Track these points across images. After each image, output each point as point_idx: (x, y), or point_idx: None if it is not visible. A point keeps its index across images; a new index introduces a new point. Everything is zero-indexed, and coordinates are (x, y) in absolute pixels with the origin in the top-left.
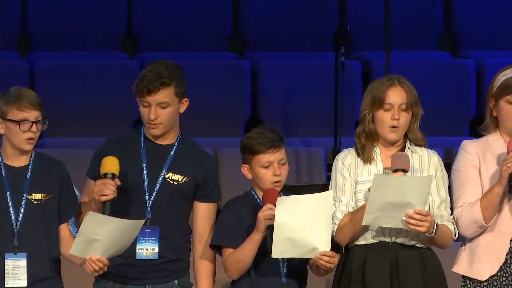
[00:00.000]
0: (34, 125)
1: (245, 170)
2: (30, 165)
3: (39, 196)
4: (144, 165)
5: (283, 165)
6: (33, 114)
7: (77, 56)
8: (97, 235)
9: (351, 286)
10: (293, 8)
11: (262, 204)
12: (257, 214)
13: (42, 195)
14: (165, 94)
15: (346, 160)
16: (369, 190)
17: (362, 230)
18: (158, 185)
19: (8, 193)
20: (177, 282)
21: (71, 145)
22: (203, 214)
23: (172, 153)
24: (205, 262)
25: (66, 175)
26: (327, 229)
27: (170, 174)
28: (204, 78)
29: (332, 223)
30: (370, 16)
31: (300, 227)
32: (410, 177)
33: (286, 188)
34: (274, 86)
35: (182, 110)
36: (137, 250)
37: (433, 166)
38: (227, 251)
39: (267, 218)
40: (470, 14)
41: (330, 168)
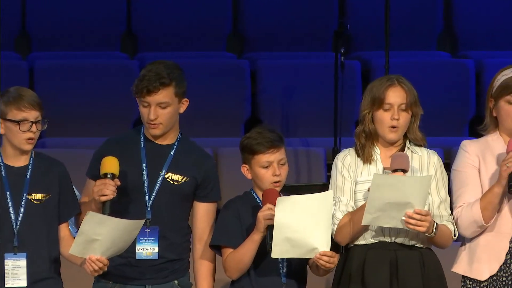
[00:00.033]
0: (33, 125)
1: (244, 170)
2: (30, 165)
3: (39, 196)
4: (144, 165)
5: (283, 165)
6: (32, 114)
7: (76, 56)
8: (97, 235)
9: (351, 286)
10: (293, 8)
11: (261, 204)
12: (256, 214)
13: (42, 195)
14: (165, 94)
15: (345, 160)
16: (368, 190)
17: (361, 230)
18: (158, 185)
19: (8, 193)
20: (177, 282)
21: (71, 145)
22: (203, 214)
23: (172, 153)
24: (205, 262)
25: (66, 175)
26: (327, 229)
27: (170, 174)
28: (203, 78)
29: (331, 223)
30: (370, 16)
31: (300, 227)
32: (409, 177)
33: (286, 188)
34: (273, 86)
35: (182, 110)
36: (137, 250)
37: (432, 166)
38: (227, 251)
39: (267, 218)
40: (470, 14)
41: (330, 168)
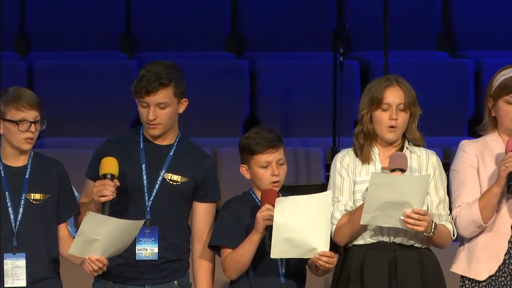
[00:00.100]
0: (32, 125)
1: (243, 170)
2: (29, 165)
3: (38, 196)
4: (143, 165)
5: (282, 165)
6: (31, 114)
7: (75, 56)
8: (96, 235)
9: (350, 286)
10: (291, 8)
11: (260, 204)
12: (255, 215)
13: (41, 195)
14: (164, 95)
15: (344, 160)
16: (367, 190)
17: (360, 230)
18: (158, 185)
19: (7, 193)
20: (176, 282)
21: (70, 145)
22: (202, 214)
23: (171, 153)
24: (204, 262)
25: (65, 175)
26: (326, 229)
27: (169, 175)
28: (202, 78)
29: (330, 223)
30: (369, 16)
31: (299, 228)
32: (407, 176)
33: (285, 188)
34: (272, 86)
35: (181, 110)
36: (136, 251)
37: (431, 166)
38: (226, 251)
39: (266, 219)
40: (469, 14)
41: (329, 168)
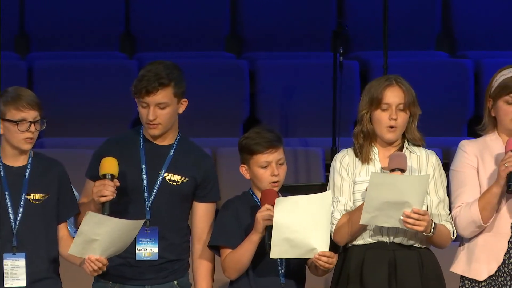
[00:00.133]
0: (32, 125)
1: (243, 170)
2: (29, 165)
3: (38, 196)
4: (143, 165)
5: (281, 165)
6: (31, 114)
7: (75, 56)
8: (96, 235)
9: (349, 286)
10: (291, 8)
11: (260, 204)
12: (255, 214)
13: (41, 195)
14: (164, 95)
15: (344, 160)
16: (367, 190)
17: (360, 230)
18: (157, 185)
19: (6, 193)
20: (176, 282)
21: (70, 145)
22: (202, 214)
23: (171, 153)
24: (204, 262)
25: (65, 175)
26: (326, 229)
27: (169, 175)
28: (202, 78)
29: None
30: (369, 16)
31: (298, 228)
32: (407, 176)
33: (285, 188)
34: (272, 86)
35: (181, 110)
36: (136, 251)
37: (431, 166)
38: (225, 252)
39: (266, 219)
40: (468, 14)
41: (329, 168)
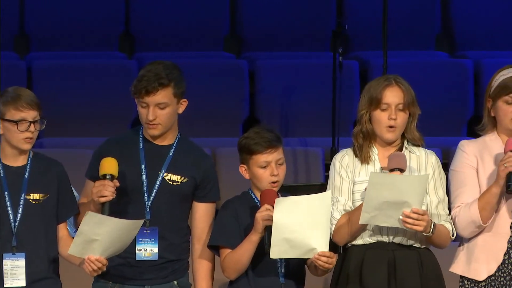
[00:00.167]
0: (32, 125)
1: (242, 170)
2: (28, 165)
3: (37, 196)
4: (143, 165)
5: (281, 165)
6: (31, 114)
7: (74, 56)
8: (96, 235)
9: (349, 286)
10: (290, 8)
11: (259, 204)
12: (255, 214)
13: (40, 195)
14: (163, 95)
15: (343, 160)
16: (366, 189)
17: (359, 230)
18: (157, 185)
19: (6, 193)
20: (176, 282)
21: (69, 145)
22: (202, 214)
23: (170, 153)
24: (204, 262)
25: (64, 175)
26: (325, 229)
27: (169, 175)
28: (202, 78)
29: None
30: (368, 16)
31: (298, 228)
32: (406, 176)
33: (284, 188)
34: (272, 86)
35: (180, 110)
36: (136, 251)
37: (430, 166)
38: (225, 252)
39: (265, 219)
40: (468, 14)
41: (328, 168)
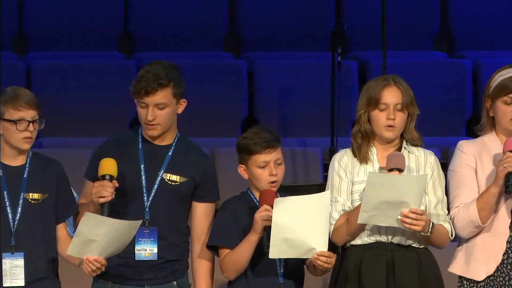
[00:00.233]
0: (31, 124)
1: (241, 170)
2: (27, 164)
3: (36, 195)
4: (142, 166)
5: (280, 165)
6: (29, 113)
7: (73, 56)
8: (94, 236)
9: (347, 286)
10: (289, 8)
11: (258, 204)
12: (253, 215)
13: (39, 195)
14: (163, 95)
15: (342, 160)
16: (365, 189)
17: (358, 230)
18: (156, 185)
19: (5, 192)
20: (175, 283)
21: (68, 145)
22: (201, 214)
23: (170, 153)
24: (203, 262)
25: (63, 175)
26: (324, 229)
27: (168, 175)
28: (201, 78)
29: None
30: (367, 16)
31: (297, 228)
32: (404, 176)
33: (283, 188)
34: (270, 86)
35: (180, 111)
36: (136, 251)
37: (429, 166)
38: (224, 252)
39: (264, 219)
40: (467, 15)
41: (327, 168)
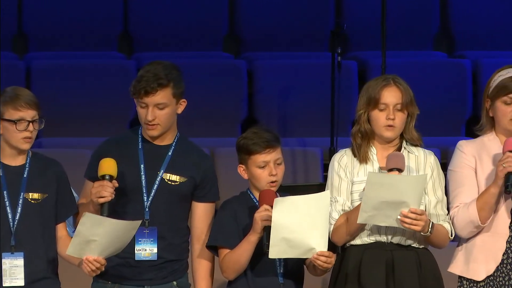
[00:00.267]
0: (30, 124)
1: (241, 170)
2: (27, 164)
3: (36, 195)
4: (142, 166)
5: (279, 165)
6: (29, 113)
7: (73, 56)
8: (94, 236)
9: (347, 286)
10: (289, 8)
11: (258, 204)
12: (253, 215)
13: (39, 195)
14: (162, 95)
15: (342, 160)
16: (364, 189)
17: (358, 230)
18: (156, 185)
19: (5, 192)
20: (175, 283)
21: (68, 145)
22: (201, 214)
23: (169, 153)
24: (203, 262)
25: (63, 175)
26: (324, 229)
27: (168, 175)
28: (200, 78)
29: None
30: (367, 16)
31: (297, 228)
32: (404, 176)
33: (282, 188)
34: (270, 86)
35: (179, 111)
36: (135, 251)
37: (429, 166)
38: (224, 252)
39: (264, 219)
40: (467, 14)
41: (327, 168)
